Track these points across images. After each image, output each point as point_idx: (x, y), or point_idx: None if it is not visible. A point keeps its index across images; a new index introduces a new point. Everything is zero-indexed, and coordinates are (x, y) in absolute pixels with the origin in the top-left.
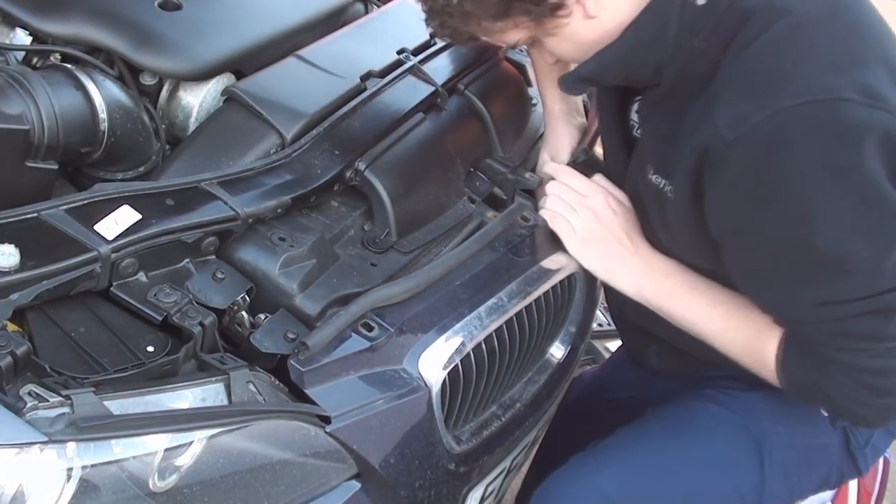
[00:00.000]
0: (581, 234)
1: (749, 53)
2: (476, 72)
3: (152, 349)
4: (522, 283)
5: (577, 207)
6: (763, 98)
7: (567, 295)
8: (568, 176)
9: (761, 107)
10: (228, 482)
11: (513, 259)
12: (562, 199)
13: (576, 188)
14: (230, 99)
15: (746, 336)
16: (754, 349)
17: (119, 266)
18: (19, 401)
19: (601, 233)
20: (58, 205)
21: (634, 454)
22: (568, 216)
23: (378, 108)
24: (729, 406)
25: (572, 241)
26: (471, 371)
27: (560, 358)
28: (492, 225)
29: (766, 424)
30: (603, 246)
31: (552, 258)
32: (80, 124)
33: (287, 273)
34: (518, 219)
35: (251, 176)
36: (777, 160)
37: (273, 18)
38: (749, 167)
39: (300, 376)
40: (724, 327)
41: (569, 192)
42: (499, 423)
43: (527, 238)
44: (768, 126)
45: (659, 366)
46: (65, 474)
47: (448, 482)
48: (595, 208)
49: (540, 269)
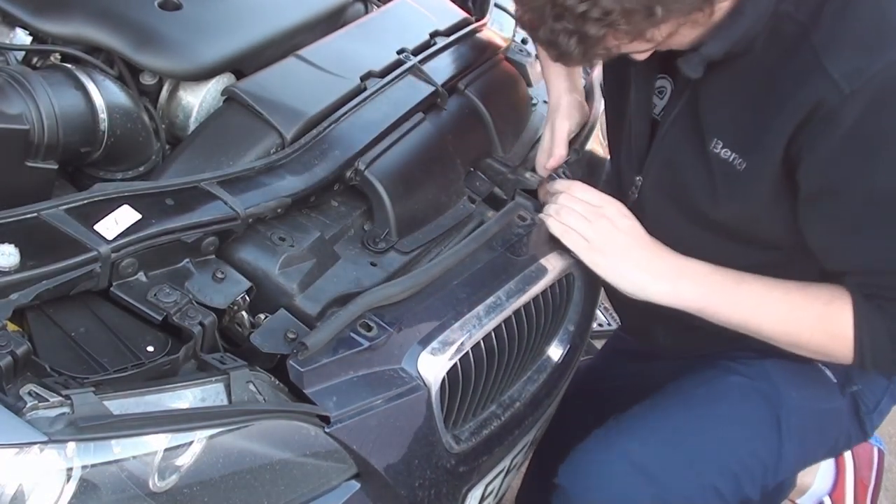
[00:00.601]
0: (597, 245)
1: (850, 11)
2: (476, 72)
3: (152, 349)
4: (521, 281)
5: (591, 217)
6: (876, 51)
7: (566, 293)
8: (579, 188)
9: (876, 59)
10: (228, 482)
11: (511, 258)
12: (574, 210)
13: (588, 200)
14: (230, 99)
15: (815, 311)
16: (828, 321)
17: (119, 266)
18: (19, 401)
19: (620, 240)
20: (58, 205)
21: (658, 423)
22: (581, 228)
23: (378, 108)
24: (745, 374)
25: (585, 250)
26: (470, 370)
27: (559, 357)
28: (489, 224)
29: (782, 390)
30: (624, 255)
31: (550, 257)
32: (80, 124)
33: (287, 273)
34: (515, 218)
35: (251, 176)
36: (892, 109)
37: (273, 18)
38: (864, 117)
39: (299, 377)
40: (787, 309)
41: (580, 203)
42: (498, 422)
43: (524, 237)
44: (885, 76)
45: (666, 343)
46: (65, 474)
47: (448, 481)
48: (610, 216)
49: (538, 267)
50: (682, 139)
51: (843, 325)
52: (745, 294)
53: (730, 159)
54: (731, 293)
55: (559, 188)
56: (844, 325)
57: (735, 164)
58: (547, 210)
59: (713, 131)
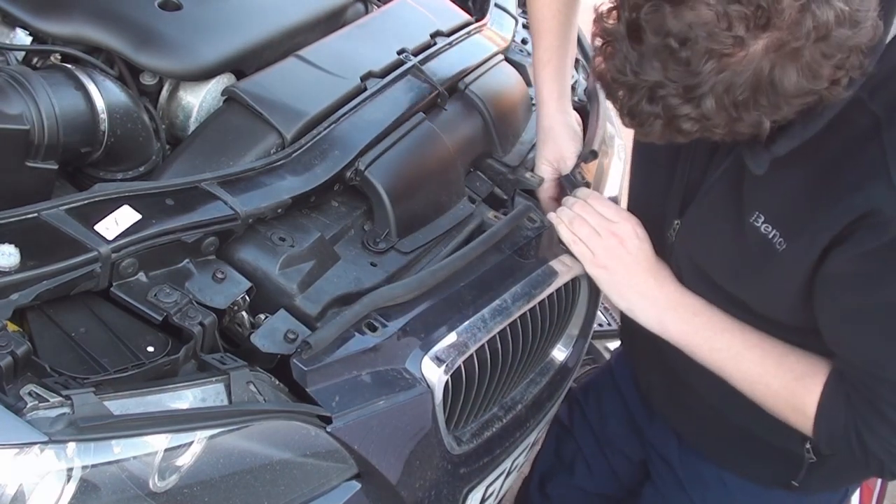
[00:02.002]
0: (602, 259)
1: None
2: (476, 72)
3: (152, 349)
4: (527, 285)
5: (602, 232)
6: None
7: (571, 298)
8: (597, 200)
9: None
10: (228, 482)
11: (518, 261)
12: (587, 223)
13: (604, 213)
14: (230, 99)
15: (784, 382)
16: (793, 394)
17: (119, 266)
18: (19, 401)
19: (625, 260)
20: (58, 205)
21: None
22: (590, 241)
23: (378, 108)
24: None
25: (589, 261)
26: (473, 372)
27: (562, 360)
28: (498, 226)
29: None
30: (626, 275)
31: (557, 261)
32: (80, 124)
33: (287, 273)
34: (525, 220)
35: (251, 176)
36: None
37: (273, 18)
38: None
39: (303, 375)
40: (759, 372)
41: (595, 216)
42: (500, 424)
43: (532, 240)
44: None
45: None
46: (65, 474)
47: (448, 483)
48: (622, 235)
49: (545, 271)
50: (720, 202)
51: (808, 402)
52: (725, 344)
53: (769, 236)
54: (711, 340)
55: (579, 196)
56: (808, 404)
57: (775, 242)
58: (560, 214)
59: (756, 204)
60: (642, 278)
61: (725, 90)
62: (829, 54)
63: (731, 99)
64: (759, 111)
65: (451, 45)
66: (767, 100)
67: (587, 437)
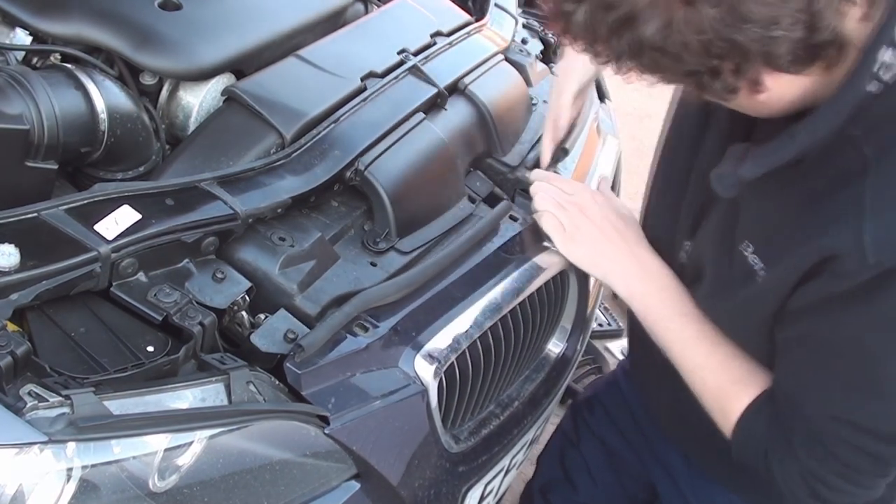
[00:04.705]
0: (570, 232)
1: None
2: (476, 72)
3: (152, 349)
4: (515, 280)
5: (565, 204)
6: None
7: (560, 291)
8: (554, 178)
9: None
10: (228, 482)
11: (504, 257)
12: (551, 197)
13: (562, 187)
14: (230, 99)
15: (720, 382)
16: (723, 395)
17: (119, 266)
18: (19, 401)
19: (588, 228)
20: (58, 205)
21: None
22: (557, 213)
23: (378, 108)
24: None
25: (560, 238)
26: (467, 369)
27: (557, 355)
28: (482, 224)
29: None
30: (592, 242)
31: (543, 255)
32: (80, 124)
33: (287, 273)
34: (507, 218)
35: (251, 176)
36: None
37: (273, 18)
38: (875, 292)
39: (297, 379)
40: (700, 364)
41: (555, 190)
42: (497, 421)
43: (517, 236)
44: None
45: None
46: (65, 474)
47: (447, 481)
48: (581, 203)
49: (532, 266)
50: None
51: (734, 408)
52: (678, 328)
53: (754, 266)
54: (668, 320)
55: (534, 177)
56: (734, 410)
57: (758, 271)
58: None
59: (747, 232)
60: (607, 246)
61: None
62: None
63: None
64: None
65: (451, 45)
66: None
67: (595, 453)
